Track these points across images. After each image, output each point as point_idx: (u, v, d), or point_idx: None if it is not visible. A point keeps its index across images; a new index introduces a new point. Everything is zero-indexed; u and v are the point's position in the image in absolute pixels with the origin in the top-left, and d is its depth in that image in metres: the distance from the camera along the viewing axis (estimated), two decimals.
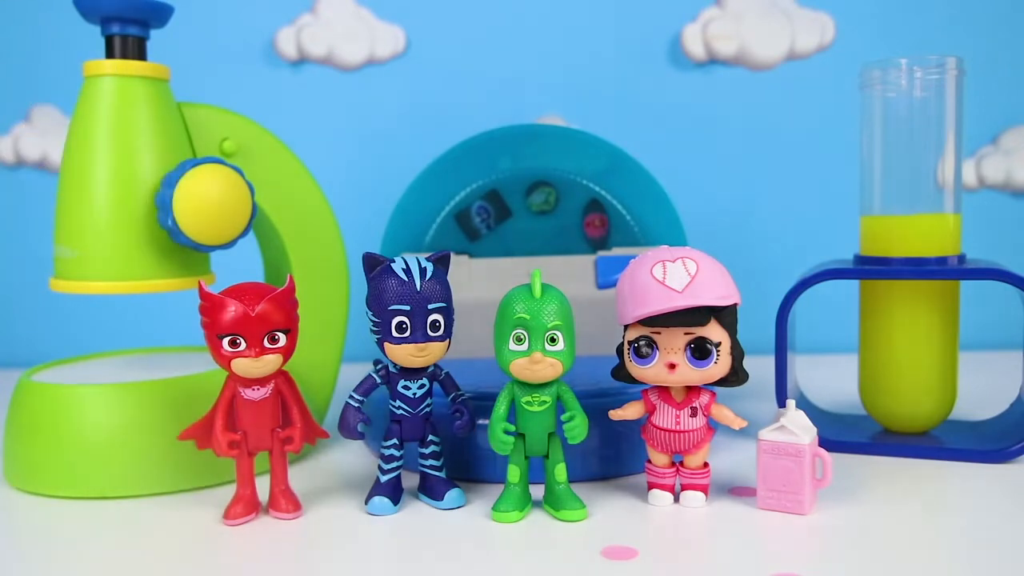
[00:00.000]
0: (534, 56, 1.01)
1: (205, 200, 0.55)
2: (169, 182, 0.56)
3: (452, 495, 0.53)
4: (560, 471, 0.52)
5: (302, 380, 0.59)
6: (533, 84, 1.01)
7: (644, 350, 0.50)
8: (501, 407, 0.51)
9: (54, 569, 0.46)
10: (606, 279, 0.73)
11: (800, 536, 0.48)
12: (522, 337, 0.49)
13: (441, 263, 0.53)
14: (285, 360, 0.51)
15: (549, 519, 0.51)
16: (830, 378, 0.80)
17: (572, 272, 0.74)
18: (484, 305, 0.60)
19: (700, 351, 0.50)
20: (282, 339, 0.50)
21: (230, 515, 0.51)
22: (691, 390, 0.52)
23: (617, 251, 0.75)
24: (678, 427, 0.52)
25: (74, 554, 0.48)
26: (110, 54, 0.57)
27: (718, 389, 0.52)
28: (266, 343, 0.50)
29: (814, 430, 0.52)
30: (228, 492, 0.54)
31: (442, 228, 0.77)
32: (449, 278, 0.53)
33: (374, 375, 0.53)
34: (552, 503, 0.52)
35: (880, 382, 0.64)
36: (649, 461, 0.53)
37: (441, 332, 0.51)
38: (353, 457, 0.64)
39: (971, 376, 0.69)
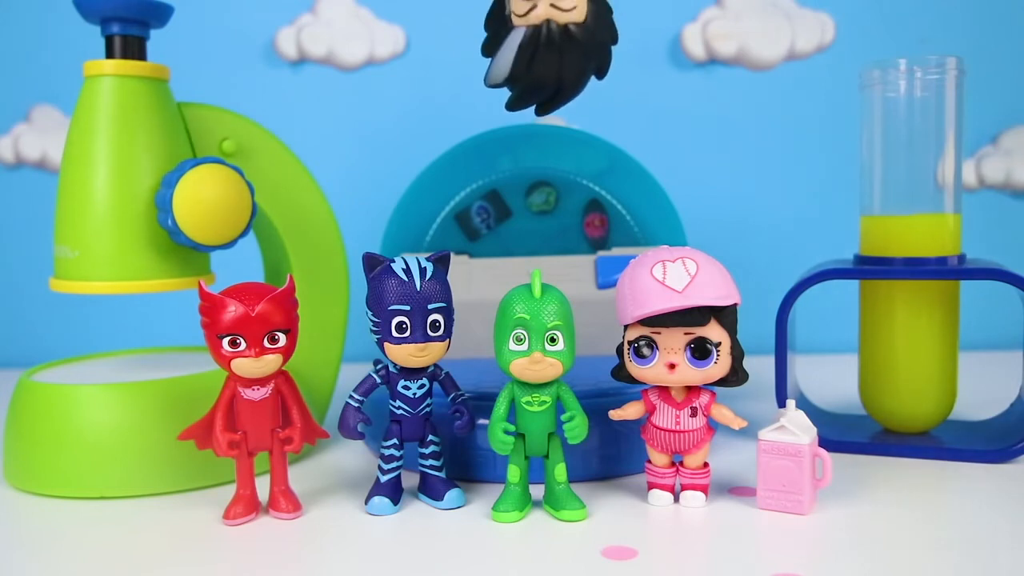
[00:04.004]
0: None
1: (205, 200, 0.55)
2: (169, 182, 0.56)
3: (452, 495, 0.53)
4: (560, 471, 0.52)
5: (302, 380, 0.59)
6: None
7: (644, 350, 0.50)
8: (501, 407, 0.51)
9: (54, 569, 0.46)
10: (606, 279, 0.73)
11: (800, 536, 0.48)
12: (522, 337, 0.49)
13: (441, 263, 0.53)
14: (285, 360, 0.51)
15: (549, 519, 0.51)
16: (830, 378, 0.80)
17: (572, 272, 0.73)
18: (484, 305, 0.60)
19: (700, 351, 0.50)
20: (282, 339, 0.50)
21: (230, 515, 0.51)
22: (691, 390, 0.52)
23: (617, 251, 0.75)
24: (678, 427, 0.52)
25: (74, 554, 0.48)
26: (110, 54, 0.57)
27: (718, 389, 0.52)
28: (266, 343, 0.50)
29: (814, 430, 0.52)
30: (228, 492, 0.54)
31: (442, 228, 0.77)
32: (449, 278, 0.53)
33: (374, 375, 0.53)
34: (552, 503, 0.52)
35: (880, 382, 0.64)
36: (649, 461, 0.53)
37: (441, 332, 0.51)
38: (353, 457, 0.64)
39: (971, 376, 0.69)
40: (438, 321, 0.51)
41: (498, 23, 0.54)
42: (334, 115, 1.02)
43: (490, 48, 0.54)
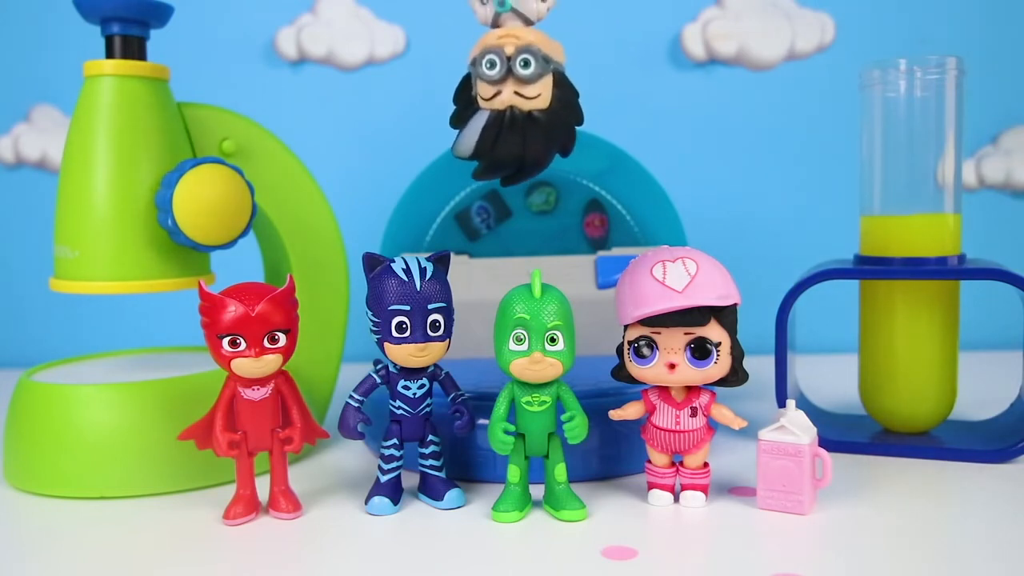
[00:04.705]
0: None
1: (205, 200, 0.55)
2: (169, 182, 0.56)
3: (452, 495, 0.53)
4: (560, 471, 0.52)
5: (302, 380, 0.59)
6: None
7: (644, 350, 0.50)
8: (501, 407, 0.51)
9: (54, 569, 0.46)
10: (606, 279, 0.73)
11: (800, 536, 0.48)
12: (522, 337, 0.49)
13: (441, 263, 0.53)
14: (285, 360, 0.51)
15: (549, 519, 0.51)
16: (830, 378, 0.80)
17: (572, 272, 0.73)
18: (484, 305, 0.60)
19: (700, 351, 0.50)
20: (282, 339, 0.50)
21: (230, 515, 0.51)
22: (691, 390, 0.52)
23: (617, 251, 0.75)
24: (678, 427, 0.52)
25: (74, 554, 0.48)
26: (110, 54, 0.57)
27: (718, 389, 0.52)
28: (266, 343, 0.50)
29: (814, 430, 0.52)
30: (228, 492, 0.54)
31: (442, 228, 0.77)
32: (449, 278, 0.53)
33: (374, 375, 0.53)
34: (552, 503, 0.52)
35: (880, 382, 0.64)
36: (649, 461, 0.53)
37: (441, 332, 0.51)
38: (353, 457, 0.64)
39: (971, 376, 0.69)
40: (438, 321, 0.51)
41: (465, 101, 0.55)
42: (334, 115, 1.02)
43: (457, 122, 0.55)
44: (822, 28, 0.99)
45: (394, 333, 0.50)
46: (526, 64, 0.51)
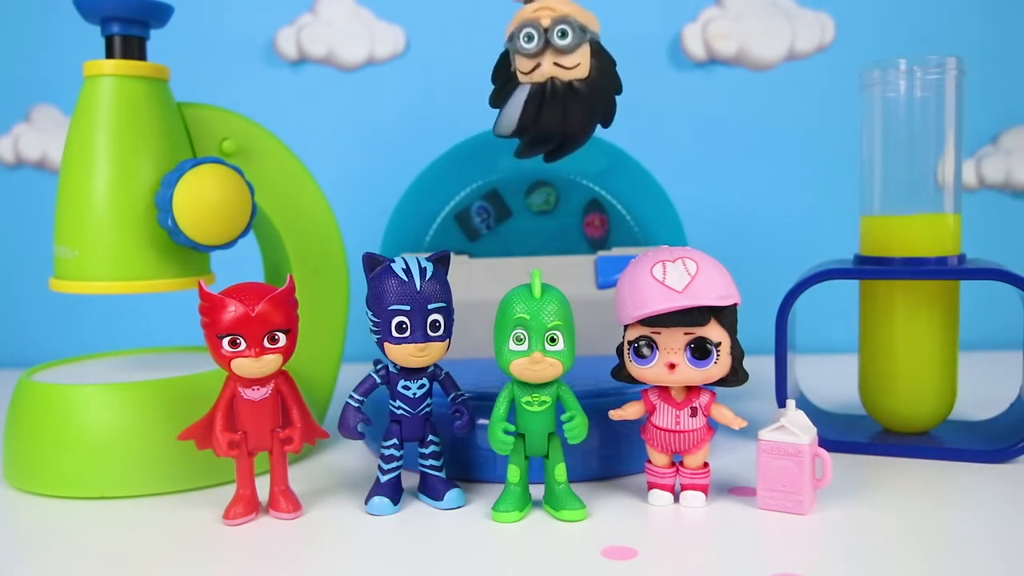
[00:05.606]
0: None
1: (205, 200, 0.55)
2: (169, 182, 0.56)
3: (452, 495, 0.53)
4: (560, 471, 0.52)
5: (302, 380, 0.59)
6: None
7: (644, 350, 0.50)
8: (501, 407, 0.51)
9: (54, 569, 0.46)
10: (606, 279, 0.73)
11: (800, 536, 0.48)
12: (522, 337, 0.49)
13: (441, 263, 0.53)
14: (285, 360, 0.51)
15: (549, 519, 0.51)
16: (830, 378, 0.80)
17: (572, 272, 0.73)
18: (484, 305, 0.60)
19: (700, 351, 0.50)
20: (282, 339, 0.50)
21: (230, 515, 0.51)
22: (691, 390, 0.52)
23: (617, 251, 0.75)
24: (678, 427, 0.52)
25: (74, 554, 0.48)
26: (110, 54, 0.57)
27: (718, 389, 0.52)
28: (266, 343, 0.50)
29: (814, 430, 0.52)
30: (228, 492, 0.54)
31: (442, 228, 0.77)
32: (449, 278, 0.53)
33: (374, 375, 0.53)
34: (552, 503, 0.52)
35: (880, 382, 0.64)
36: (649, 461, 0.53)
37: (441, 332, 0.51)
38: (353, 457, 0.64)
39: (971, 376, 0.69)
40: (438, 321, 0.51)
41: (504, 77, 0.55)
42: (334, 115, 1.02)
43: (497, 100, 0.55)
44: (822, 28, 0.99)
45: (394, 333, 0.50)
46: (563, 34, 0.52)
